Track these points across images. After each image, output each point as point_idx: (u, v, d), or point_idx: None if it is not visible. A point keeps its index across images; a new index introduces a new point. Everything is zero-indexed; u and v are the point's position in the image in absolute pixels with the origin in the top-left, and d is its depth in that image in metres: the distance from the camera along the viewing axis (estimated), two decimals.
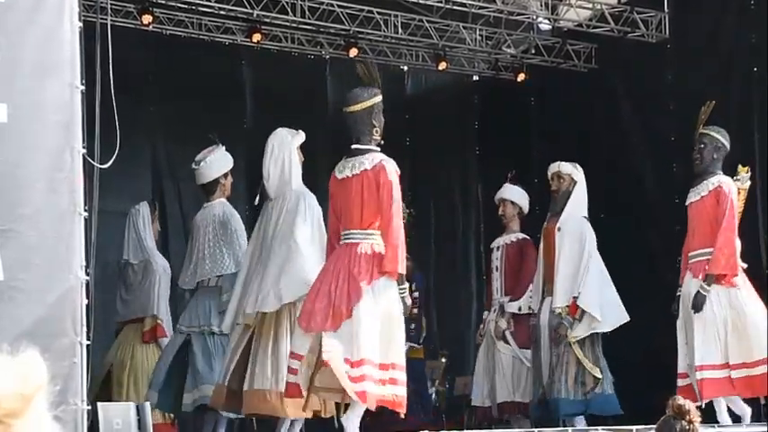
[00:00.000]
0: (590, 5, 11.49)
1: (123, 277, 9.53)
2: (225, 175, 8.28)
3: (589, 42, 11.86)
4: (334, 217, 6.46)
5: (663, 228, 10.27)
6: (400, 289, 6.22)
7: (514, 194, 9.57)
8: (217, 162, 8.21)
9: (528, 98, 12.61)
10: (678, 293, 7.55)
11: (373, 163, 6.29)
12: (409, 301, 6.47)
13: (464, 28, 11.84)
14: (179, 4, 10.55)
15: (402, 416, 6.21)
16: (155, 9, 10.45)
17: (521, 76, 12.34)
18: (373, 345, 6.03)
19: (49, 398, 1.84)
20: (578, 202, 8.59)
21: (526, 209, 9.60)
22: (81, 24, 5.27)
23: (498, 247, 9.56)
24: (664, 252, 10.24)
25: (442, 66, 12.11)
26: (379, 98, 6.47)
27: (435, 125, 13.10)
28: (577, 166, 8.89)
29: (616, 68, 11.56)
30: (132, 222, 9.47)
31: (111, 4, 7.48)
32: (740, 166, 7.66)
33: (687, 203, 7.52)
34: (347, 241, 6.28)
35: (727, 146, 7.58)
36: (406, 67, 13.21)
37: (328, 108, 12.82)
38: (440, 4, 10.77)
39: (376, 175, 6.24)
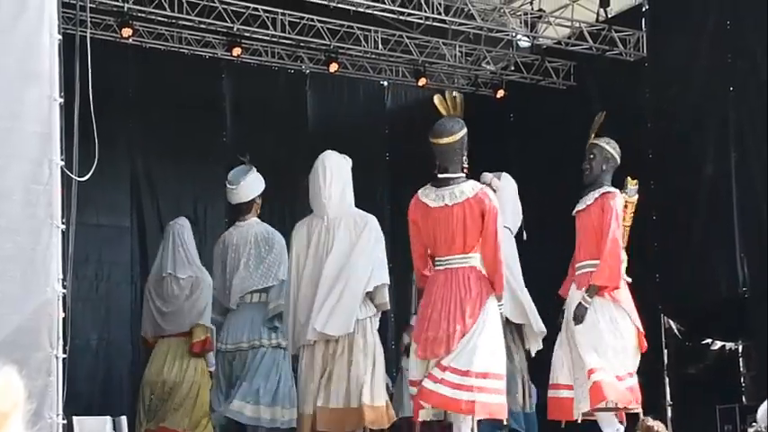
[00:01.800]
0: (569, 24, 11.57)
1: (163, 290, 9.21)
2: (259, 196, 8.38)
3: (568, 60, 11.93)
4: (421, 243, 6.71)
5: (639, 244, 10.32)
6: (499, 305, 6.70)
7: None
8: (254, 183, 8.39)
9: (507, 114, 12.67)
10: (564, 306, 7.39)
11: (474, 191, 6.59)
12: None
13: (444, 44, 11.90)
14: (159, 18, 10.55)
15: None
16: (134, 22, 10.45)
17: (500, 93, 12.40)
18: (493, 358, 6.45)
19: (26, 416, 1.84)
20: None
21: None
22: (60, 37, 5.27)
23: None
24: (640, 266, 10.29)
25: (422, 81, 12.15)
26: (465, 129, 6.80)
27: (415, 140, 13.11)
28: (503, 176, 8.89)
29: (594, 86, 11.63)
30: (177, 236, 9.26)
31: (91, 17, 7.50)
32: (629, 179, 7.60)
33: (574, 213, 7.42)
34: (447, 266, 6.55)
35: (617, 158, 7.46)
36: (386, 83, 13.25)
37: (308, 122, 12.85)
38: (420, 21, 10.82)
39: (479, 203, 6.55)
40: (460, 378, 6.25)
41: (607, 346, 6.91)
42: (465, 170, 6.74)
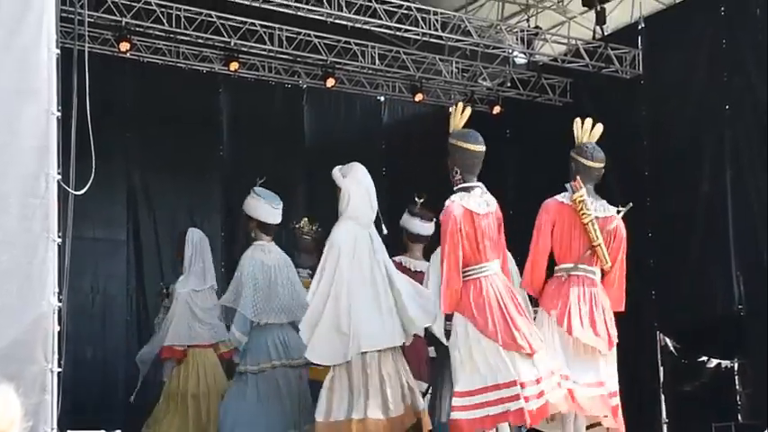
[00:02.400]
0: (565, 41, 11.61)
1: (205, 301, 9.01)
2: None
3: (564, 77, 11.96)
4: (459, 249, 6.45)
5: (635, 261, 10.32)
6: None
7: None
8: None
9: (503, 130, 12.68)
10: None
11: (495, 202, 6.78)
12: None
13: (441, 60, 11.93)
14: (157, 33, 10.57)
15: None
16: (132, 37, 10.46)
17: (496, 109, 12.42)
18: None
19: None
20: None
21: None
22: (58, 51, 5.27)
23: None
24: (636, 283, 10.30)
25: (419, 97, 12.18)
26: None
27: (411, 155, 13.15)
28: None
29: (590, 103, 11.64)
30: (207, 248, 9.17)
31: (90, 32, 7.51)
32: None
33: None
34: (487, 273, 6.47)
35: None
36: (382, 98, 13.29)
37: (305, 137, 12.88)
38: (417, 37, 10.85)
39: (498, 214, 6.75)
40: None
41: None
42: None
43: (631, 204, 6.99)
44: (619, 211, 7.02)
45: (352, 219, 7.06)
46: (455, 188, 6.68)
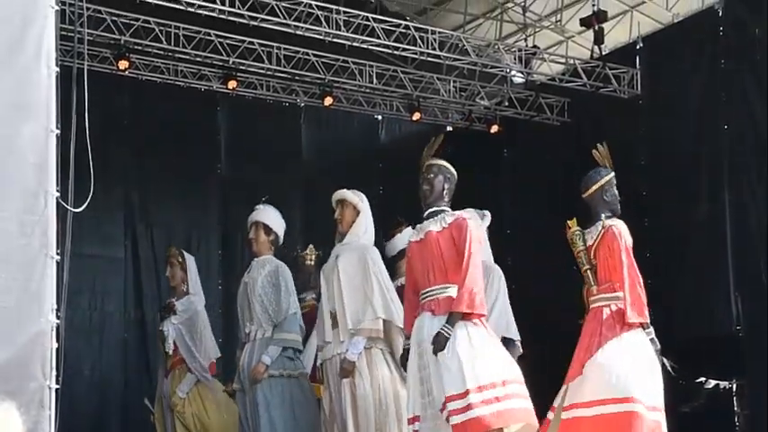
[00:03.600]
0: (563, 60, 11.65)
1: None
2: None
3: (562, 96, 11.98)
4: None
5: None
6: None
7: None
8: None
9: (501, 149, 12.70)
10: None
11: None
12: None
13: (438, 79, 11.95)
14: (155, 51, 10.59)
15: None
16: (131, 55, 10.48)
17: (494, 128, 12.44)
18: None
19: None
20: None
21: None
22: (58, 69, 5.29)
23: None
24: None
25: (416, 116, 12.20)
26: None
27: (409, 174, 13.10)
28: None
29: (588, 122, 11.67)
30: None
31: (89, 50, 7.52)
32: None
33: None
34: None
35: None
36: (380, 117, 13.31)
37: (302, 155, 12.90)
38: (415, 56, 10.87)
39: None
40: None
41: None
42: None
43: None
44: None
45: (369, 243, 7.25)
46: (447, 208, 6.66)
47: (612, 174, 6.90)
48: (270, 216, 7.94)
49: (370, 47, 10.63)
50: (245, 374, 7.54)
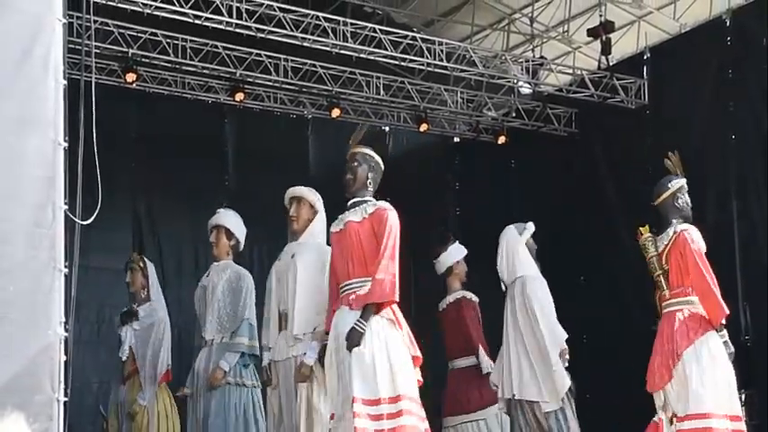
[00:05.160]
0: (570, 71, 11.65)
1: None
2: None
3: (569, 107, 11.99)
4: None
5: (641, 290, 10.31)
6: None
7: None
8: None
9: (508, 160, 12.71)
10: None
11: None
12: None
13: (445, 90, 11.97)
14: (163, 63, 10.62)
15: None
16: (139, 67, 10.52)
17: (501, 139, 12.45)
18: None
19: None
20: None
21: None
22: (65, 82, 5.30)
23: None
24: (642, 315, 10.28)
25: (424, 127, 12.21)
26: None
27: (416, 185, 13.16)
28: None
29: (595, 133, 11.67)
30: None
31: (96, 62, 7.54)
32: None
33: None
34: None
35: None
36: (387, 128, 13.31)
37: (310, 167, 12.90)
38: (422, 67, 10.88)
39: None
40: None
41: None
42: None
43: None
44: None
45: (324, 243, 6.90)
46: (372, 197, 6.54)
47: (684, 181, 7.02)
48: (231, 221, 7.96)
49: (377, 58, 10.64)
50: (201, 379, 7.47)
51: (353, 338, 5.74)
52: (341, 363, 5.84)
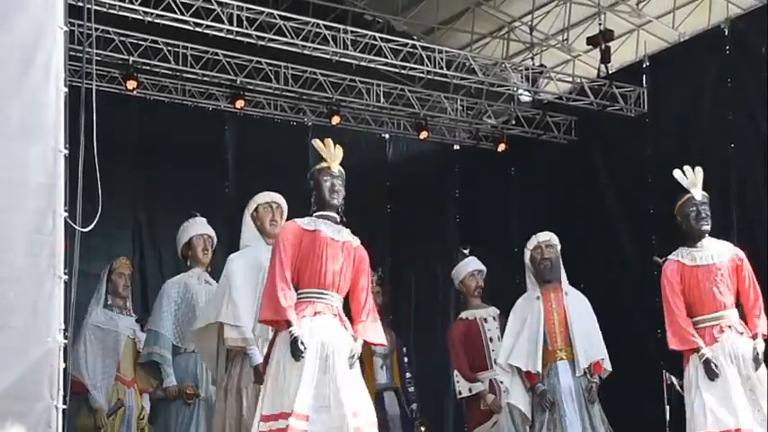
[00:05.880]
0: (570, 79, 11.66)
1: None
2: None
3: (569, 115, 12.00)
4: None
5: (641, 298, 10.32)
6: None
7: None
8: None
9: (508, 168, 12.71)
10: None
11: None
12: None
13: (445, 98, 11.98)
14: (163, 70, 10.64)
15: None
16: (139, 75, 10.53)
17: (501, 147, 12.46)
18: None
19: None
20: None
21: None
22: (66, 89, 5.31)
23: (495, 318, 9.40)
24: (642, 322, 10.30)
25: (424, 135, 12.22)
26: None
27: (416, 193, 13.18)
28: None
29: (595, 141, 11.68)
30: None
31: (97, 70, 7.56)
32: None
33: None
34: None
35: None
36: (387, 136, 13.33)
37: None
38: (422, 75, 10.89)
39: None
40: None
41: None
42: None
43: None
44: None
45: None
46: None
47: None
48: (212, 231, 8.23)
49: (377, 66, 10.65)
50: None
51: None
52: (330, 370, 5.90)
